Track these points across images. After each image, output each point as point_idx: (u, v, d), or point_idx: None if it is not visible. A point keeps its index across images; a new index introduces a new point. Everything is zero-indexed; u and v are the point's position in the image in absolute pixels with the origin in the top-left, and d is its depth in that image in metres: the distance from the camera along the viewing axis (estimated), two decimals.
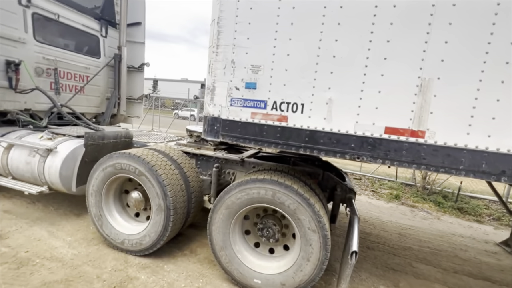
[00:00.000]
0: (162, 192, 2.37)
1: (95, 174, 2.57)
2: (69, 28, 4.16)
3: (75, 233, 2.88)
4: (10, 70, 3.34)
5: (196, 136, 3.18)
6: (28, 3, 3.55)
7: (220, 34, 1.88)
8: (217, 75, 1.94)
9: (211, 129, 2.04)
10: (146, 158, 2.43)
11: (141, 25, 5.11)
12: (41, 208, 3.37)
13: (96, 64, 4.59)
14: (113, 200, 2.70)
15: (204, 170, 3.08)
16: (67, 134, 3.28)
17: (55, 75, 3.97)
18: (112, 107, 4.91)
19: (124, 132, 3.25)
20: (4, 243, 2.55)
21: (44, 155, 2.92)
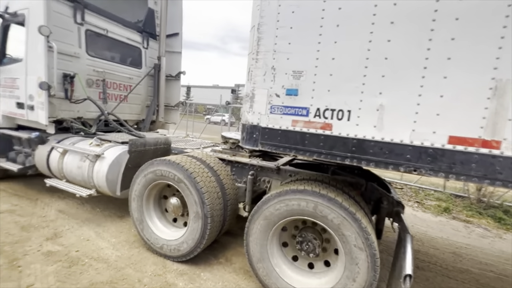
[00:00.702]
0: (200, 200, 2.37)
1: (137, 180, 2.68)
2: (116, 42, 4.49)
3: (119, 235, 3.03)
4: (66, 82, 3.69)
5: (232, 143, 3.18)
6: (82, 21, 3.90)
7: (260, 40, 1.84)
8: (256, 82, 1.89)
9: (250, 137, 1.99)
10: (185, 165, 2.46)
11: (178, 36, 5.35)
12: (89, 209, 3.62)
13: (138, 74, 4.88)
14: (153, 205, 2.79)
15: (239, 177, 3.06)
16: (112, 140, 3.50)
17: (103, 86, 4.29)
18: (152, 114, 5.17)
19: (163, 139, 3.37)
20: (59, 241, 2.76)
21: (93, 160, 3.14)
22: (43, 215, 3.31)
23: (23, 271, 2.25)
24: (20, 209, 3.42)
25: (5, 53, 4.08)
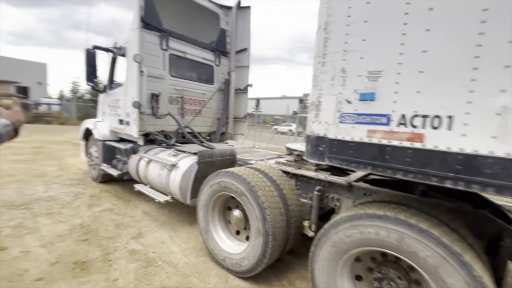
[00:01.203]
0: (261, 216, 2.26)
1: (204, 190, 2.79)
2: (192, 62, 4.99)
3: (188, 241, 3.21)
4: (153, 100, 4.27)
5: (296, 155, 2.98)
6: (167, 47, 4.49)
7: (327, 41, 1.63)
8: (323, 88, 1.67)
9: (315, 150, 1.77)
10: (247, 178, 2.41)
11: (247, 51, 5.57)
12: (166, 213, 4.01)
13: (210, 89, 5.28)
14: (218, 216, 2.84)
15: (305, 192, 2.82)
16: (186, 151, 3.81)
17: (181, 102, 4.80)
18: (222, 126, 5.48)
19: (229, 150, 3.46)
20: (141, 241, 3.11)
21: (169, 169, 3.47)
22: (132, 215, 3.83)
23: (112, 265, 2.59)
24: (117, 208, 4.07)
25: (113, 80, 5.07)
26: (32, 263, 2.52)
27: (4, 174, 5.45)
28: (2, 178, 5.15)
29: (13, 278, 2.28)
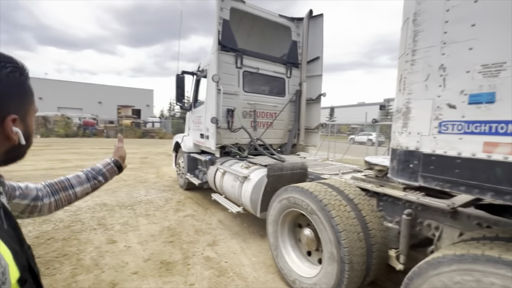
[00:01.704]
0: (335, 239, 2.00)
1: (273, 205, 2.72)
2: (264, 77, 5.15)
3: (258, 254, 3.18)
4: (228, 115, 4.57)
5: (378, 170, 2.57)
6: (241, 65, 4.78)
7: (417, 34, 1.33)
8: (413, 92, 1.37)
9: (404, 168, 1.45)
10: (318, 194, 2.21)
11: (319, 59, 5.37)
12: (239, 223, 4.13)
13: (282, 101, 5.29)
14: (287, 233, 2.70)
15: (390, 215, 2.39)
16: (258, 163, 3.87)
17: (254, 115, 4.98)
18: (293, 138, 5.38)
19: (300, 164, 3.31)
20: (215, 249, 3.27)
21: (242, 181, 3.57)
22: (209, 223, 4.12)
23: (190, 269, 2.79)
24: (197, 214, 4.47)
25: (197, 99, 5.74)
26: (132, 257, 2.99)
27: (120, 179, 6.85)
28: (118, 182, 6.49)
29: (118, 268, 2.74)
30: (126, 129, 23.72)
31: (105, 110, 31.89)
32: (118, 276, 2.60)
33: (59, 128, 21.05)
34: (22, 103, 0.60)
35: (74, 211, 4.36)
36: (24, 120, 0.61)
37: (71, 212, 4.28)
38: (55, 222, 3.92)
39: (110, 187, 5.95)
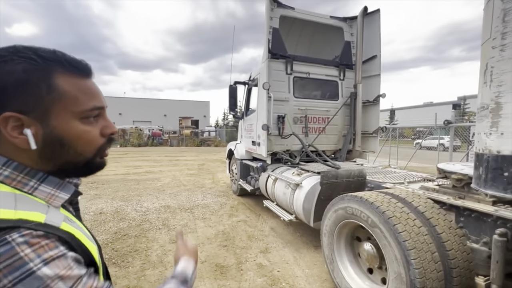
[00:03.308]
0: (402, 257, 1.76)
1: (328, 214, 2.56)
2: (316, 81, 5.00)
3: (312, 266, 3.02)
4: (279, 122, 4.56)
5: (456, 180, 2.18)
6: (291, 71, 4.75)
7: (508, 13, 1.09)
8: (505, 83, 1.12)
9: (495, 177, 1.18)
10: (380, 205, 1.98)
11: (376, 58, 4.96)
12: (291, 232, 4.02)
13: (335, 105, 5.03)
14: (344, 246, 2.50)
15: (475, 234, 2.00)
16: (310, 170, 3.73)
17: (305, 121, 4.85)
18: (348, 143, 5.04)
19: (357, 171, 3.05)
20: (267, 256, 3.24)
21: (293, 189, 3.49)
22: (261, 229, 4.12)
23: (243, 275, 2.82)
24: (249, 220, 4.53)
25: (248, 107, 5.92)
26: None
27: (181, 184, 7.50)
28: (179, 187, 7.10)
29: None
30: (186, 138, 26.04)
31: (169, 121, 35.77)
32: None
33: (134, 139, 24.41)
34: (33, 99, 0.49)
35: (144, 211, 4.92)
36: (45, 121, 0.51)
37: (142, 213, 4.84)
38: (129, 220, 4.48)
39: (173, 191, 6.56)
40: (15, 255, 0.39)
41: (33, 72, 0.49)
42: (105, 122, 0.60)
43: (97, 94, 0.58)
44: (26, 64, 0.48)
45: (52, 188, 0.53)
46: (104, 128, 0.59)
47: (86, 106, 0.55)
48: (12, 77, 0.47)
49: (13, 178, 0.49)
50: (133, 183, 7.48)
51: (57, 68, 0.52)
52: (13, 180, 0.49)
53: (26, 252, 0.40)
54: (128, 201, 5.71)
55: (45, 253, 0.42)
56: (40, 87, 0.50)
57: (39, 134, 0.51)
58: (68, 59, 0.54)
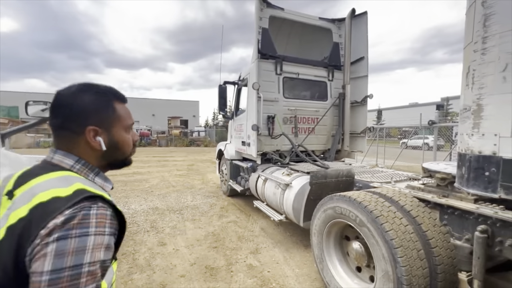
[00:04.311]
0: (390, 255, 1.79)
1: (317, 214, 2.58)
2: (305, 81, 5.04)
3: (302, 266, 3.04)
4: (269, 122, 4.56)
5: (440, 178, 2.25)
6: (281, 71, 4.76)
7: (489, 18, 1.13)
8: (486, 85, 1.15)
9: (477, 176, 1.22)
10: (368, 205, 2.01)
11: (364, 59, 5.05)
12: (281, 232, 4.03)
13: (324, 106, 5.09)
14: (333, 245, 2.52)
15: (458, 231, 2.07)
16: (300, 170, 3.75)
17: (295, 121, 4.88)
18: (337, 143, 5.11)
19: (346, 171, 3.10)
20: (258, 257, 3.23)
21: (283, 189, 3.50)
22: (252, 230, 4.11)
23: (233, 276, 2.80)
24: (240, 221, 4.51)
25: (238, 107, 5.89)
26: (179, 260, 3.13)
27: (169, 185, 7.38)
28: (167, 188, 6.99)
29: (167, 270, 2.90)
30: (175, 138, 25.68)
31: (157, 121, 35.14)
32: (167, 278, 2.74)
33: None
34: (101, 117, 0.76)
35: (131, 214, 4.80)
36: (108, 130, 0.78)
37: (129, 215, 4.72)
38: None
39: (162, 193, 6.44)
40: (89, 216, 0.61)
41: (103, 101, 0.78)
42: (133, 132, 0.87)
43: (131, 114, 0.86)
44: (99, 95, 0.77)
45: (102, 181, 0.79)
46: (133, 136, 0.87)
47: (129, 122, 0.84)
48: (92, 103, 0.75)
49: (82, 170, 0.75)
50: (120, 185, 7.30)
51: (114, 98, 0.81)
52: (81, 172, 0.74)
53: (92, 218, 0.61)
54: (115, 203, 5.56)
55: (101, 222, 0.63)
56: (107, 110, 0.78)
57: (105, 140, 0.77)
58: (117, 92, 0.83)
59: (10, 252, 0.56)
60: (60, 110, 0.74)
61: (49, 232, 0.55)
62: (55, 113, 0.74)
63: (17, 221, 0.59)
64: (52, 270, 0.52)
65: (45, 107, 2.57)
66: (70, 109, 0.73)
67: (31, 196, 0.62)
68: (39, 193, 0.62)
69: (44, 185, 0.64)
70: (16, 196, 0.65)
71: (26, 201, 0.61)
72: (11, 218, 0.60)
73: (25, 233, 0.56)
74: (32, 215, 0.58)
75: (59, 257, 0.53)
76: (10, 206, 0.63)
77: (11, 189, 0.67)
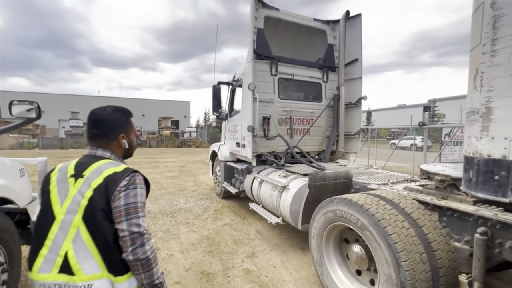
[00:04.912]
0: (393, 260, 1.77)
1: (316, 217, 2.54)
2: (300, 82, 5.02)
3: (300, 269, 2.99)
4: (264, 123, 4.51)
5: (439, 181, 2.25)
6: (276, 72, 4.73)
7: (498, 20, 1.11)
8: (495, 88, 1.14)
9: (486, 180, 1.21)
10: (370, 208, 1.99)
11: (358, 61, 5.08)
12: (277, 234, 3.99)
13: (319, 107, 5.09)
14: (333, 248, 2.49)
15: (457, 233, 2.07)
16: (296, 172, 3.71)
17: (290, 123, 4.85)
18: (332, 145, 5.12)
19: (344, 173, 3.08)
20: (255, 261, 3.17)
21: (280, 191, 3.45)
22: (247, 233, 4.04)
23: (230, 282, 2.73)
24: (235, 224, 4.43)
25: (232, 108, 5.82)
26: (174, 266, 3.03)
27: (161, 187, 7.21)
28: (159, 190, 6.82)
29: None
30: (166, 139, 25.27)
31: (147, 122, 34.50)
32: None
33: None
34: (126, 128, 1.29)
35: None
36: (128, 136, 1.29)
37: None
38: None
39: (153, 195, 6.27)
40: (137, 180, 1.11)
41: (126, 118, 1.28)
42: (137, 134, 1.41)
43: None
44: (124, 115, 1.28)
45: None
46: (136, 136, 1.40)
47: (135, 130, 1.37)
48: (122, 120, 1.25)
49: (115, 159, 1.22)
50: None
51: (130, 116, 1.32)
52: (115, 160, 1.22)
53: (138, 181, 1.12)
54: None
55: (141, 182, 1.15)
56: (128, 124, 1.30)
57: (127, 141, 1.27)
58: (131, 112, 1.34)
59: (102, 199, 1.03)
60: (100, 124, 1.22)
61: (119, 188, 1.04)
62: (96, 125, 1.22)
63: (98, 185, 1.05)
64: (125, 204, 1.03)
65: (31, 107, 2.42)
66: (108, 123, 1.22)
67: (99, 172, 1.08)
68: (104, 170, 1.09)
69: (104, 166, 1.11)
70: (86, 175, 1.08)
71: (98, 175, 1.07)
72: (93, 184, 1.05)
73: (107, 189, 1.04)
74: (106, 181, 1.06)
75: (127, 199, 1.04)
76: (85, 180, 1.07)
77: (75, 173, 1.10)
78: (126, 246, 0.99)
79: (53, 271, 0.97)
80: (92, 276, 0.97)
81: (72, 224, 1.00)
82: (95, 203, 1.01)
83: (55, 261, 0.97)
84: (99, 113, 1.20)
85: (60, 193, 1.06)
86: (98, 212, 1.01)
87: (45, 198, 1.07)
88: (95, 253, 0.99)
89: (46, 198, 1.07)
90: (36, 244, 1.01)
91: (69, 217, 1.01)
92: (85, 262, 0.97)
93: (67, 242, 0.98)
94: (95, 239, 1.00)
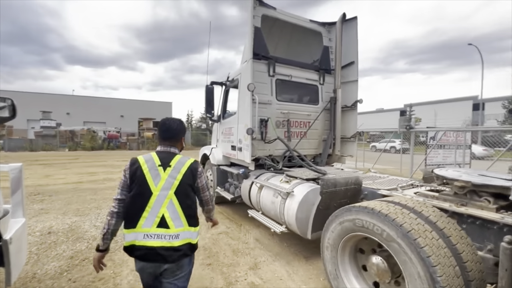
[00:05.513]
0: (427, 274, 1.64)
1: (331, 227, 2.38)
2: (297, 84, 4.88)
3: (308, 281, 2.82)
4: (262, 126, 4.32)
5: (459, 187, 2.18)
6: (273, 73, 4.56)
7: None
8: None
9: None
10: (396, 218, 1.86)
11: (354, 64, 5.07)
12: (278, 242, 3.80)
13: (315, 110, 4.99)
14: (348, 260, 2.35)
15: (478, 241, 2.01)
16: (298, 177, 3.55)
17: (287, 125, 4.70)
18: (328, 148, 5.03)
19: (354, 178, 2.96)
20: (258, 273, 2.95)
21: (284, 197, 3.27)
22: (246, 242, 3.81)
23: None
24: (231, 232, 4.18)
25: (226, 110, 5.57)
26: None
27: None
28: None
29: None
30: (147, 141, 24.27)
31: (126, 123, 33.01)
32: None
33: (85, 142, 21.88)
34: (184, 134, 1.87)
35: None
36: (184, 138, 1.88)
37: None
38: (88, 240, 3.79)
39: None
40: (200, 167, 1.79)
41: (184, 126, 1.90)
42: None
43: None
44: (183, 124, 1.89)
45: None
46: None
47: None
48: (183, 128, 1.86)
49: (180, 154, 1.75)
50: (89, 193, 6.52)
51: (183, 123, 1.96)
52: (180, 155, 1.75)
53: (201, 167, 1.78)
54: (84, 215, 4.89)
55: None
56: (185, 130, 2.00)
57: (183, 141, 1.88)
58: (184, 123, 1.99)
59: (190, 179, 1.63)
60: (171, 131, 1.75)
61: (198, 173, 1.68)
62: (169, 131, 1.75)
63: (185, 171, 1.62)
64: (205, 182, 1.74)
65: (3, 105, 2.07)
66: (178, 131, 1.77)
67: (182, 163, 1.64)
68: (185, 162, 1.65)
69: (183, 159, 1.66)
70: (173, 165, 1.62)
71: (182, 165, 1.63)
72: (182, 171, 1.61)
73: (192, 173, 1.64)
74: (190, 169, 1.64)
75: (205, 179, 1.73)
76: (173, 168, 1.61)
77: (161, 163, 1.61)
78: (208, 203, 1.83)
79: (152, 226, 1.50)
80: (180, 230, 1.53)
81: (167, 197, 1.54)
82: (184, 182, 1.60)
83: (153, 220, 1.51)
84: (170, 123, 1.76)
85: (153, 176, 1.56)
86: (187, 187, 1.61)
87: (142, 180, 1.55)
88: (182, 215, 1.55)
89: (143, 180, 1.55)
90: (138, 210, 1.52)
91: (164, 192, 1.55)
92: (175, 221, 1.53)
93: (162, 208, 1.53)
94: (182, 206, 1.56)
